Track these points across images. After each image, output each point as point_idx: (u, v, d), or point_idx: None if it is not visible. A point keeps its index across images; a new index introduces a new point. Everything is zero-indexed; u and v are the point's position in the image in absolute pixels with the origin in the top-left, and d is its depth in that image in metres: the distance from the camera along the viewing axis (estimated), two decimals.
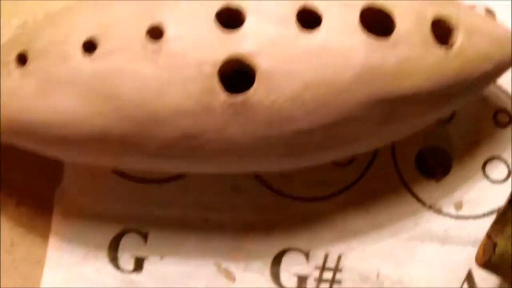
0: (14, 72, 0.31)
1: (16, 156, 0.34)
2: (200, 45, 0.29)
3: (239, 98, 0.29)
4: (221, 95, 0.29)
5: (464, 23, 0.32)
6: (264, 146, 0.30)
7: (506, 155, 0.37)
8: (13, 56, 0.31)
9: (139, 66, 0.29)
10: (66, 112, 0.30)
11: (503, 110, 0.37)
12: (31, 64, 0.31)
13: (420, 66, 0.31)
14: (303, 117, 0.30)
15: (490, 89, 0.37)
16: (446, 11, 0.32)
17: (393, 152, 0.37)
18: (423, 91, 0.31)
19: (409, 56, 0.30)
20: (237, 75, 0.30)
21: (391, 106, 0.31)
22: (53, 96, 0.30)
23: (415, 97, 0.31)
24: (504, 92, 0.38)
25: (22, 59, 0.31)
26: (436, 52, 0.31)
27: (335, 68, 0.30)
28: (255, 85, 0.29)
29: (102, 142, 0.30)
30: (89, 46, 0.30)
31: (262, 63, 0.29)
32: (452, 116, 0.37)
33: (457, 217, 0.36)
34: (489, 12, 0.39)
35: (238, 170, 0.33)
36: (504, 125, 0.37)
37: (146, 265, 0.35)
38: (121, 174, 0.35)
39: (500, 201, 0.35)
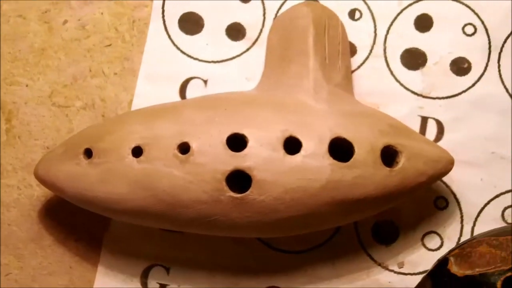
0: (82, 162, 0.44)
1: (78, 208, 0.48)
2: (214, 160, 0.42)
3: (239, 196, 0.42)
4: (227, 193, 0.42)
5: (407, 149, 0.44)
6: (256, 227, 0.44)
7: (441, 230, 0.49)
8: (81, 149, 0.44)
9: (172, 170, 0.42)
10: (118, 194, 0.43)
11: (442, 197, 0.50)
12: (95, 159, 0.44)
13: (370, 181, 0.43)
14: (284, 211, 0.43)
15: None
16: (394, 141, 0.44)
17: (355, 222, 0.50)
18: (372, 197, 0.44)
19: (361, 174, 0.43)
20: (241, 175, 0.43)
21: (348, 206, 0.44)
22: (110, 183, 0.43)
23: (366, 200, 0.44)
24: (445, 183, 0.50)
25: (88, 153, 0.44)
26: (382, 171, 0.43)
27: (308, 180, 0.42)
28: (251, 188, 0.42)
29: (141, 216, 0.44)
30: (137, 152, 0.43)
31: (257, 175, 0.42)
32: None
33: (399, 273, 0.49)
34: None
35: (238, 236, 0.47)
36: (442, 208, 0.50)
37: None
38: None
39: (431, 264, 0.47)
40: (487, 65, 0.49)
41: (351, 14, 0.50)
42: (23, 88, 0.51)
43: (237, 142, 0.43)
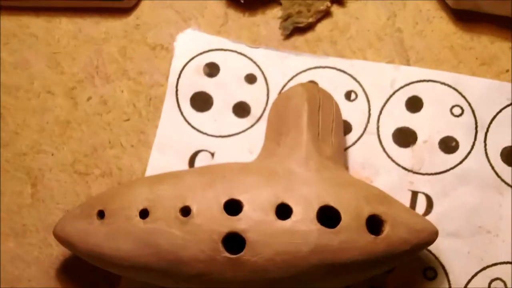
0: (95, 222, 0.48)
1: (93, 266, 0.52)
2: (211, 222, 0.46)
3: (234, 256, 0.46)
4: (223, 254, 0.46)
5: (391, 218, 0.48)
6: (249, 285, 0.47)
7: None
8: (95, 211, 0.49)
9: (173, 230, 0.47)
10: (124, 251, 0.47)
11: (431, 268, 0.53)
12: (107, 219, 0.48)
13: (355, 246, 0.46)
14: (275, 272, 0.46)
15: (423, 251, 0.53)
16: (379, 210, 0.48)
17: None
18: (359, 262, 0.47)
19: (347, 240, 0.46)
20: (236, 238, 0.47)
21: (336, 270, 0.47)
22: (117, 240, 0.47)
23: (353, 265, 0.47)
24: (433, 255, 0.53)
25: (101, 215, 0.49)
26: (367, 237, 0.47)
27: (297, 244, 0.46)
28: (244, 250, 0.46)
29: (146, 272, 0.48)
30: (144, 214, 0.48)
31: (250, 237, 0.46)
32: (393, 268, 0.53)
33: None
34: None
35: None
36: (431, 279, 0.52)
37: None
38: None
39: None
40: (473, 144, 0.53)
41: (347, 95, 0.55)
42: (48, 156, 0.56)
43: (233, 207, 0.47)
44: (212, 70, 0.56)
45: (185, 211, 0.47)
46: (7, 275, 0.54)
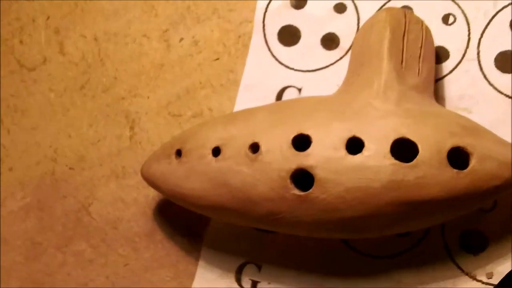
0: (173, 161, 0.49)
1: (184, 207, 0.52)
2: (280, 159, 0.44)
3: (303, 194, 0.44)
4: (291, 191, 0.44)
5: (478, 150, 0.43)
6: (321, 225, 0.45)
7: None
8: (173, 150, 0.49)
9: (242, 168, 0.45)
10: (199, 190, 0.47)
11: None
12: (183, 158, 0.48)
13: (434, 182, 0.42)
14: (346, 210, 0.44)
15: None
16: (464, 142, 0.43)
17: (442, 229, 0.48)
18: (439, 200, 0.43)
19: (425, 175, 0.42)
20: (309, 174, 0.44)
21: (413, 208, 0.43)
22: (193, 180, 0.47)
23: (432, 203, 0.43)
24: None
25: (179, 153, 0.49)
26: (448, 172, 0.42)
27: (368, 180, 0.43)
28: (313, 187, 0.44)
29: (220, 211, 0.47)
30: (216, 152, 0.47)
31: (319, 174, 0.44)
32: (494, 206, 0.48)
33: (487, 284, 0.47)
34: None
35: (306, 234, 0.48)
36: None
37: (259, 286, 0.52)
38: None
39: None
40: None
41: (445, 19, 0.50)
42: (144, 100, 0.57)
43: (304, 143, 0.45)
44: (299, 1, 0.53)
45: (255, 148, 0.46)
46: (109, 215, 0.56)
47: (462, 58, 0.49)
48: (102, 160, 0.56)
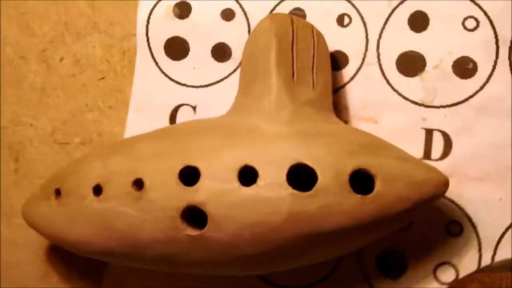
0: (53, 203, 0.43)
1: None
2: (167, 196, 0.40)
3: (196, 234, 0.40)
4: (184, 231, 0.40)
5: (383, 171, 0.39)
6: (220, 265, 0.41)
7: (456, 261, 0.43)
8: (52, 190, 0.44)
9: (127, 209, 0.41)
10: (84, 236, 0.42)
11: (455, 222, 0.43)
12: (63, 199, 0.43)
13: (338, 210, 0.38)
14: (245, 248, 0.39)
15: (444, 202, 0.43)
16: (366, 162, 0.39)
17: (358, 252, 0.44)
18: (345, 229, 0.39)
19: (327, 204, 0.38)
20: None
21: (319, 240, 0.39)
22: (76, 225, 0.42)
23: (338, 233, 0.39)
24: (457, 205, 0.43)
25: (58, 193, 0.44)
26: (352, 199, 0.38)
27: (266, 214, 0.38)
28: (207, 226, 0.39)
29: (110, 256, 0.42)
30: (98, 190, 0.42)
31: (211, 210, 0.39)
32: (410, 225, 0.44)
33: None
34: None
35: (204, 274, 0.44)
36: (455, 235, 0.43)
37: None
38: None
39: None
40: (495, 63, 0.42)
41: (340, 20, 0.45)
42: (27, 128, 0.51)
43: (192, 175, 0.40)
44: (182, 10, 0.48)
45: (139, 184, 0.41)
46: (3, 261, 0.51)
47: (362, 62, 0.45)
48: None
